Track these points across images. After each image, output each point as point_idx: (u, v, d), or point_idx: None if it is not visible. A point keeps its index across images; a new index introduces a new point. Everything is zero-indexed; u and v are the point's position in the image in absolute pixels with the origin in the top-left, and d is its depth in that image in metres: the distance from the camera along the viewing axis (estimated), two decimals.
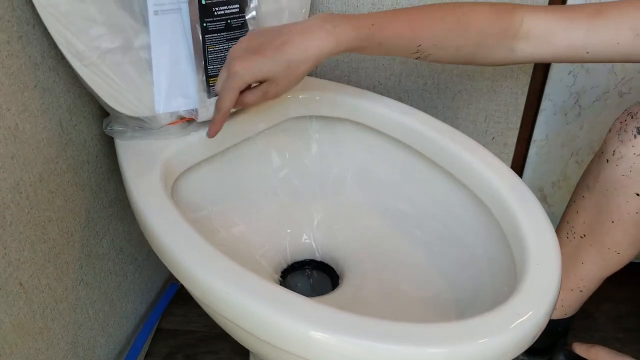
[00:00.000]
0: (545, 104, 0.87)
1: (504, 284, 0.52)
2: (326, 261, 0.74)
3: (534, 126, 0.89)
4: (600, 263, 0.69)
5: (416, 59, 0.61)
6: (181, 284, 0.97)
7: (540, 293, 0.46)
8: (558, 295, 0.47)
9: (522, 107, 0.86)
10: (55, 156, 0.62)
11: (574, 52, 0.59)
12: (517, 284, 0.47)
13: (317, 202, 0.76)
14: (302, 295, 0.47)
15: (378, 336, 0.43)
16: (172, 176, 0.63)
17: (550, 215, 0.60)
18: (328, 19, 0.55)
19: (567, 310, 0.76)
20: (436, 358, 0.42)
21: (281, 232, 0.74)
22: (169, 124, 0.65)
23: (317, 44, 0.54)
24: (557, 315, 0.76)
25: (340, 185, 0.76)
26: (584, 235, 0.68)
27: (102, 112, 0.71)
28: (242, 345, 0.90)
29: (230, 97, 0.55)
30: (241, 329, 0.49)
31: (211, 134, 0.59)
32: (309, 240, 0.75)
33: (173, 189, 0.64)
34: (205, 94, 0.64)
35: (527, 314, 0.44)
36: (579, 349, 0.65)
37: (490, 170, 0.59)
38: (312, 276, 0.74)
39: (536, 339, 0.45)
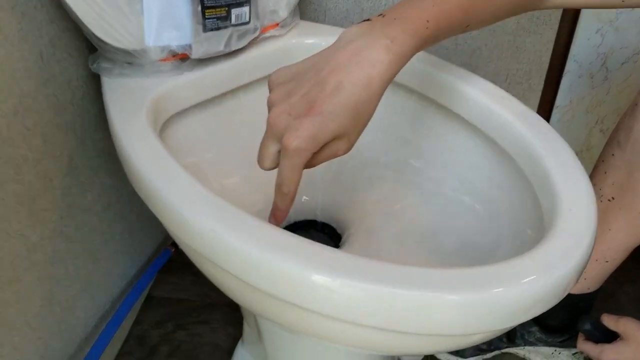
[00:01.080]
0: (571, 65, 0.80)
1: (531, 235, 0.46)
2: (328, 221, 0.68)
3: (557, 89, 0.82)
4: (629, 229, 0.63)
5: None
6: (175, 250, 0.91)
7: (574, 238, 0.39)
8: (593, 244, 0.41)
9: (546, 66, 0.79)
10: (33, 90, 0.57)
11: None
12: (546, 232, 0.41)
13: None
14: (301, 237, 0.41)
15: (386, 279, 0.37)
16: (161, 117, 0.57)
17: None
18: (377, 33, 0.41)
19: (590, 283, 0.69)
20: (451, 304, 0.36)
21: None
22: (160, 60, 0.59)
23: (378, 71, 0.40)
24: (580, 289, 0.70)
25: None
26: (613, 198, 0.62)
27: (90, 50, 0.65)
28: (234, 315, 0.86)
29: (294, 178, 0.42)
30: (228, 274, 0.43)
31: (275, 223, 0.47)
32: (309, 199, 0.69)
33: (162, 132, 0.58)
34: (200, 27, 0.58)
35: (558, 261, 0.38)
36: (608, 319, 0.60)
37: (512, 115, 0.53)
38: (313, 237, 0.68)
39: (567, 292, 0.39)
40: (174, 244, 0.95)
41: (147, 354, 0.81)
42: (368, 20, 0.43)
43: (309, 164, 0.42)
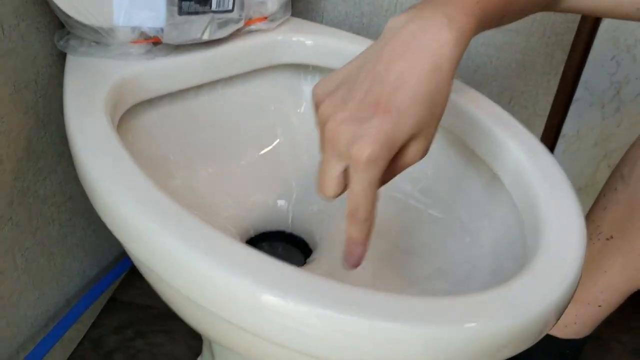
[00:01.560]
0: (581, 93, 0.75)
1: (511, 267, 0.40)
2: (300, 234, 0.63)
3: (564, 117, 0.77)
4: (626, 273, 0.57)
5: None
6: None
7: (557, 274, 0.34)
8: (577, 283, 0.35)
9: (554, 90, 0.74)
10: None
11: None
12: (524, 265, 0.36)
13: (298, 167, 0.65)
14: (256, 250, 0.36)
15: (344, 305, 0.32)
16: (123, 105, 0.52)
17: None
18: (429, 14, 0.35)
19: (580, 328, 0.63)
20: (420, 338, 0.31)
21: (251, 196, 0.63)
22: (130, 42, 0.54)
23: (444, 51, 0.34)
24: (569, 334, 0.63)
25: None
26: (611, 236, 0.56)
27: (59, 28, 0.61)
28: None
29: (371, 197, 0.36)
30: (174, 290, 0.38)
31: (350, 264, 0.40)
32: (284, 209, 0.64)
33: (125, 121, 0.53)
34: (175, 9, 0.53)
35: (536, 293, 0.32)
36: None
37: (512, 140, 0.47)
38: (280, 250, 0.62)
39: (544, 332, 0.33)
40: None
41: None
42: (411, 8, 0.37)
43: (383, 179, 0.36)
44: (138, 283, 0.86)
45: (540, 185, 0.42)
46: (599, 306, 0.60)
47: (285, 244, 0.62)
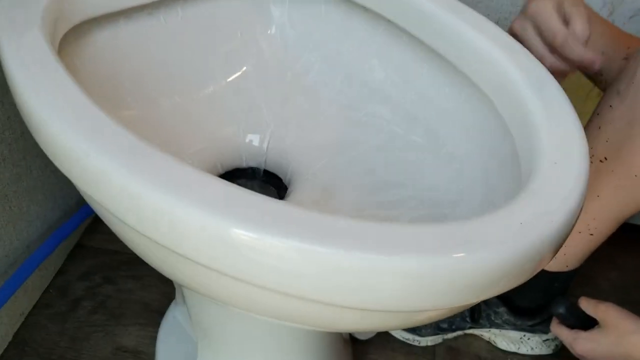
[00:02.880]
0: None
1: (505, 192, 0.36)
2: (274, 170, 0.58)
3: None
4: (620, 196, 0.54)
5: None
6: None
7: (558, 197, 0.30)
8: (581, 208, 0.31)
9: None
10: None
11: None
12: (522, 187, 0.32)
13: (269, 95, 0.60)
14: (224, 180, 0.31)
15: (317, 234, 0.28)
16: (65, 21, 0.46)
17: None
18: None
19: (569, 260, 0.60)
20: (397, 270, 0.27)
21: (220, 129, 0.58)
22: None
23: None
24: (556, 267, 0.61)
25: (302, 77, 0.60)
26: (605, 158, 0.53)
27: None
28: None
29: None
30: (129, 228, 0.33)
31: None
32: (255, 142, 0.59)
33: (68, 42, 0.47)
34: None
35: (535, 223, 0.28)
36: (586, 304, 0.51)
37: (492, 44, 0.43)
38: (255, 186, 0.58)
39: (543, 265, 0.30)
40: None
41: (68, 307, 0.72)
42: None
43: None
44: (105, 228, 0.81)
45: (535, 102, 0.38)
46: (591, 234, 0.57)
47: (257, 181, 0.58)
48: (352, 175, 0.53)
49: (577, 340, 0.53)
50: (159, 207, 0.30)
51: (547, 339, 0.71)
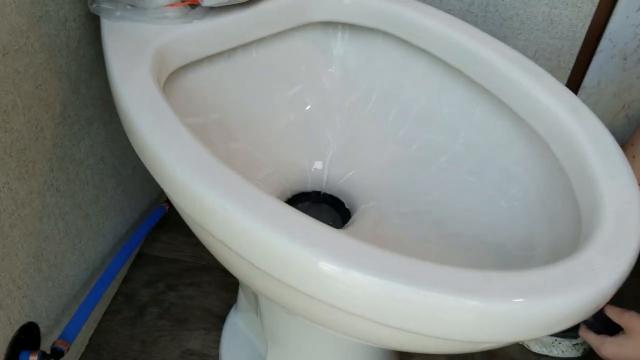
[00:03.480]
0: (605, 44, 0.75)
1: (565, 232, 0.42)
2: (337, 195, 0.64)
3: (587, 69, 0.77)
4: None
5: None
6: (169, 207, 0.87)
7: (620, 245, 0.36)
8: (638, 252, 0.37)
9: (580, 43, 0.74)
10: (25, 29, 0.51)
11: None
12: (588, 233, 0.38)
13: (333, 126, 0.66)
14: (315, 220, 0.37)
15: (397, 274, 0.34)
16: (165, 70, 0.52)
17: None
18: None
19: None
20: (468, 311, 0.33)
21: (287, 157, 0.64)
22: (166, 5, 0.53)
23: None
24: None
25: (362, 108, 0.65)
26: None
27: None
28: (228, 280, 0.82)
29: None
30: (233, 252, 0.39)
31: None
32: (320, 169, 0.65)
33: (165, 87, 0.53)
34: None
35: (605, 269, 0.34)
36: (611, 311, 0.57)
37: (549, 95, 0.48)
38: (320, 210, 0.64)
39: (599, 308, 0.36)
40: (169, 201, 0.91)
41: (135, 313, 0.78)
42: None
43: None
44: (163, 237, 0.88)
45: (587, 142, 0.43)
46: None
47: (323, 205, 0.63)
48: (409, 207, 0.58)
49: (604, 345, 0.58)
50: (271, 244, 0.36)
51: (577, 343, 0.77)
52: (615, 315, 0.58)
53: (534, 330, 0.35)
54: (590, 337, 0.61)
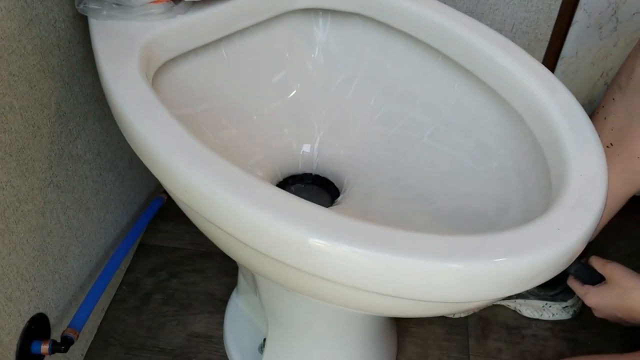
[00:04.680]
0: (580, 15, 0.77)
1: (539, 200, 0.45)
2: (326, 175, 0.67)
3: (564, 40, 0.79)
4: (626, 176, 0.62)
5: None
6: (167, 197, 0.90)
7: (584, 206, 0.38)
8: (603, 210, 0.40)
9: (555, 15, 0.76)
10: (17, 33, 0.53)
11: None
12: (555, 196, 0.40)
13: (318, 109, 0.68)
14: (301, 199, 0.40)
15: (384, 245, 0.36)
16: (152, 64, 0.54)
17: None
18: None
19: None
20: (451, 274, 0.36)
21: (276, 142, 0.66)
22: (150, 2, 0.55)
23: None
24: None
25: (346, 91, 0.68)
26: (611, 144, 0.61)
27: None
28: (228, 265, 0.85)
29: None
30: (227, 234, 0.42)
31: None
32: (308, 152, 0.67)
33: (154, 80, 0.55)
34: None
35: (567, 230, 0.37)
36: (596, 262, 0.60)
37: (522, 69, 0.51)
38: (310, 190, 0.66)
39: (572, 260, 0.39)
40: (166, 192, 0.94)
41: (141, 301, 0.81)
42: None
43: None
44: (163, 227, 0.91)
45: (560, 120, 0.46)
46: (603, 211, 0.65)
47: (314, 186, 0.66)
48: (395, 184, 0.61)
49: (588, 294, 0.61)
50: (260, 223, 0.38)
51: (567, 306, 0.80)
52: (599, 266, 0.61)
53: (512, 287, 0.38)
54: (576, 287, 0.64)
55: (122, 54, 0.51)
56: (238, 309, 0.78)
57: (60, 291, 0.66)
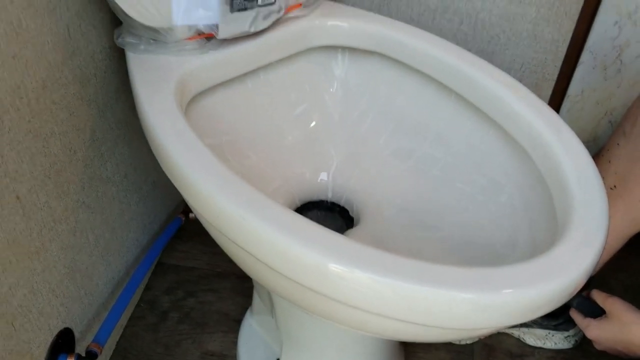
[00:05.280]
0: (585, 56, 0.81)
1: (544, 233, 0.48)
2: (341, 203, 0.70)
3: (570, 80, 0.83)
4: (627, 217, 0.65)
5: None
6: (186, 218, 0.93)
7: (586, 241, 0.42)
8: (604, 247, 0.43)
9: (562, 56, 0.80)
10: (60, 63, 0.57)
11: None
12: (560, 233, 0.43)
13: (335, 140, 0.72)
14: (322, 226, 0.43)
15: (400, 274, 0.39)
16: (186, 96, 0.58)
17: None
18: None
19: None
20: (461, 303, 0.39)
21: (295, 170, 0.70)
22: (185, 39, 0.59)
23: None
24: None
25: (362, 124, 0.71)
26: (615, 186, 0.65)
27: (113, 23, 0.65)
28: (243, 285, 0.88)
29: None
30: (252, 257, 0.45)
31: None
32: (325, 180, 0.71)
33: (187, 111, 0.59)
34: (227, 8, 0.58)
35: (570, 265, 0.40)
36: (597, 295, 0.63)
37: (529, 109, 0.54)
38: (326, 217, 0.70)
39: (575, 292, 0.42)
40: (185, 212, 0.97)
41: (158, 319, 0.84)
42: None
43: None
44: (181, 247, 0.94)
45: (565, 160, 0.49)
46: (604, 249, 0.68)
47: (329, 213, 0.69)
48: (407, 213, 0.64)
49: (589, 327, 0.64)
50: (284, 248, 0.41)
51: (568, 336, 0.82)
52: (600, 299, 0.64)
53: (518, 316, 0.40)
54: (578, 319, 0.67)
55: (158, 86, 0.55)
56: (252, 329, 0.81)
57: (85, 307, 0.69)
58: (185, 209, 0.92)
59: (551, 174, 0.50)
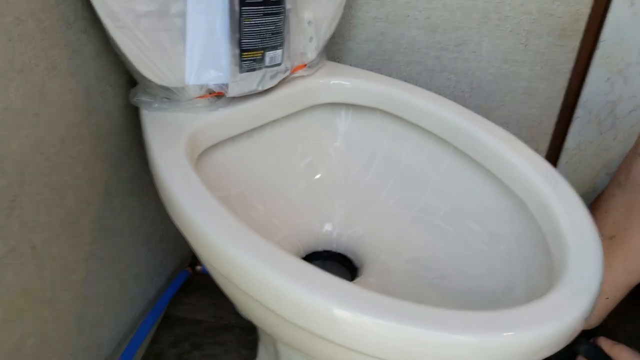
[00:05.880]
0: (580, 112, 0.84)
1: (541, 281, 0.49)
2: (345, 253, 0.72)
3: (566, 133, 0.86)
4: (628, 267, 0.66)
5: None
6: (192, 271, 0.95)
7: (582, 289, 0.43)
8: (599, 295, 0.44)
9: (557, 112, 0.83)
10: (79, 121, 0.61)
11: None
12: (555, 281, 0.45)
13: (340, 192, 0.74)
14: (328, 273, 0.45)
15: (404, 317, 0.40)
16: (196, 150, 0.61)
17: None
18: None
19: (592, 320, 0.72)
20: (463, 346, 0.40)
21: (300, 221, 0.72)
22: (197, 97, 0.63)
23: None
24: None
25: (365, 176, 0.74)
26: (613, 236, 0.66)
27: (128, 84, 0.69)
28: (247, 338, 0.89)
29: None
30: (260, 304, 0.46)
31: None
32: (329, 230, 0.73)
33: (197, 165, 0.62)
34: (236, 69, 0.62)
35: (567, 309, 0.41)
36: (604, 343, 0.63)
37: (525, 162, 0.57)
38: (331, 267, 0.71)
39: (571, 339, 0.43)
40: (192, 266, 0.99)
41: None
42: None
43: None
44: (187, 299, 0.95)
45: (561, 211, 0.51)
46: (607, 298, 0.69)
47: (333, 262, 0.71)
48: (410, 263, 0.66)
49: None
50: (291, 295, 0.43)
51: None
52: (607, 347, 0.65)
53: (519, 359, 0.42)
54: None
55: (171, 140, 0.58)
56: None
57: (93, 359, 0.70)
58: (192, 262, 0.93)
59: (547, 224, 0.52)
